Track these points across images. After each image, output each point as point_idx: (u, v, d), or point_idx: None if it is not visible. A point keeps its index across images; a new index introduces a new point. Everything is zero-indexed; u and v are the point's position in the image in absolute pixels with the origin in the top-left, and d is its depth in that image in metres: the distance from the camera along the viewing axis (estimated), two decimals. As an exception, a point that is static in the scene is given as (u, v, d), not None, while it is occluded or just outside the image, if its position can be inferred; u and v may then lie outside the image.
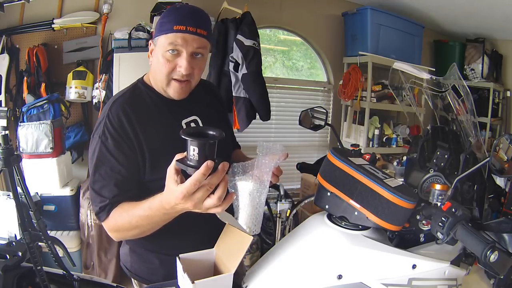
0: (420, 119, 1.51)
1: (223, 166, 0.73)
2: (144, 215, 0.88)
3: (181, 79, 1.02)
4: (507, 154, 1.08)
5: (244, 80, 2.56)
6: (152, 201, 0.84)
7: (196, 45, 1.00)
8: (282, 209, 2.54)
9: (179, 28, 0.97)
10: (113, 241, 2.36)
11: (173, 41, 0.98)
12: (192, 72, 1.02)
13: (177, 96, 1.06)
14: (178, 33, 0.98)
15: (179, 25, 0.97)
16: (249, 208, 0.95)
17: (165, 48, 0.99)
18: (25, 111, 2.35)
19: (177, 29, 0.97)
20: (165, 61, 1.00)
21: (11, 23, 2.53)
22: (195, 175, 0.70)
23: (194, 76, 1.04)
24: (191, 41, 0.99)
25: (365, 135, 3.40)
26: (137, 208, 0.89)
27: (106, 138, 0.98)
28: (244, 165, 0.97)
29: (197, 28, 0.99)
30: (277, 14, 3.28)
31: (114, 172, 0.97)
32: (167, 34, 0.99)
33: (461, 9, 3.34)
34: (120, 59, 2.47)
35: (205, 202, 0.75)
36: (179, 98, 1.07)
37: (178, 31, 0.97)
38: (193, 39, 0.99)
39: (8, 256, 1.09)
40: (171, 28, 0.98)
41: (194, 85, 1.08)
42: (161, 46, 1.00)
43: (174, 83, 1.03)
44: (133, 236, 0.98)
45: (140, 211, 0.88)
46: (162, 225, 0.91)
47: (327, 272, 0.81)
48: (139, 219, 0.89)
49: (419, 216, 0.88)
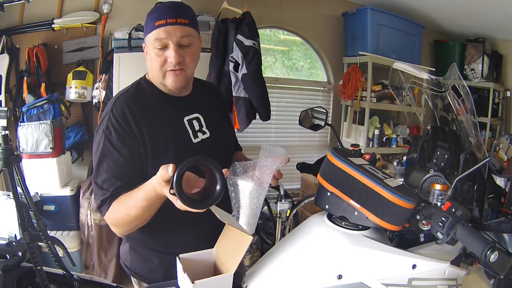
0: (420, 119, 1.51)
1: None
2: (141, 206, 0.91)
3: (174, 68, 1.05)
4: (507, 154, 1.08)
5: (244, 80, 2.56)
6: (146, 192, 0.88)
7: (179, 35, 1.03)
8: (282, 209, 2.54)
9: (160, 23, 1.02)
10: (113, 241, 2.38)
11: (157, 36, 1.02)
12: (183, 60, 1.05)
13: (174, 86, 1.08)
14: (160, 27, 1.02)
15: (159, 20, 1.02)
16: (247, 208, 0.95)
17: (153, 45, 1.04)
18: (25, 111, 2.35)
19: (159, 24, 1.02)
20: (155, 57, 1.04)
21: (11, 23, 2.53)
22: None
23: (187, 64, 1.07)
24: (174, 32, 1.02)
25: (365, 135, 3.40)
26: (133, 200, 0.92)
27: (110, 132, 1.00)
28: (245, 165, 0.98)
29: (176, 18, 1.02)
30: (277, 14, 3.28)
31: (117, 165, 0.99)
32: (151, 32, 1.03)
33: (461, 9, 3.34)
34: (120, 59, 2.46)
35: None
36: (176, 87, 1.09)
37: (159, 26, 1.02)
38: (175, 29, 1.02)
39: (8, 256, 1.09)
40: (153, 25, 1.02)
41: (190, 74, 1.11)
42: (150, 44, 1.05)
43: (168, 73, 1.06)
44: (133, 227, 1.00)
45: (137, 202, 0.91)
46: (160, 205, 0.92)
47: (327, 272, 0.81)
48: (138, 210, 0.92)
49: (419, 216, 0.88)
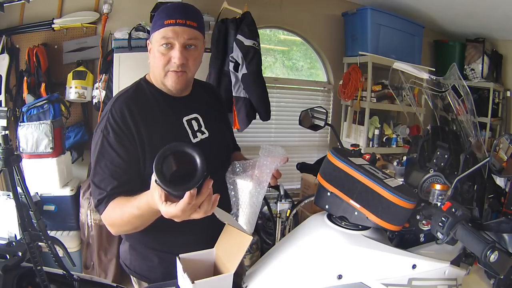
0: (420, 119, 1.51)
1: (208, 185, 0.72)
2: (133, 214, 0.90)
3: (177, 69, 1.05)
4: (507, 154, 1.08)
5: (244, 80, 2.56)
6: (140, 200, 0.86)
7: (187, 36, 1.03)
8: (282, 209, 2.54)
9: (169, 22, 1.02)
10: (113, 241, 2.38)
11: (164, 35, 1.02)
12: (187, 62, 1.05)
13: (174, 87, 1.08)
14: (168, 26, 1.02)
15: (169, 19, 1.02)
16: (246, 206, 0.95)
17: (158, 43, 1.04)
18: (25, 111, 2.35)
19: (168, 23, 1.02)
20: (160, 55, 1.04)
21: (11, 23, 2.53)
22: (180, 205, 0.70)
23: (189, 67, 1.07)
24: (182, 33, 1.02)
25: (365, 135, 3.40)
26: (128, 206, 0.91)
27: (108, 132, 1.01)
28: (244, 164, 0.98)
29: (186, 20, 1.02)
30: (277, 14, 3.28)
31: (114, 165, 1.00)
32: (159, 30, 1.03)
33: (461, 9, 3.34)
34: (120, 59, 2.46)
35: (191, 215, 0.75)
36: (176, 88, 1.09)
37: (168, 25, 1.02)
38: (183, 31, 1.02)
39: (8, 256, 1.09)
40: (162, 24, 1.02)
41: (190, 77, 1.11)
42: (155, 42, 1.05)
43: (170, 74, 1.06)
44: (126, 231, 1.02)
45: (130, 209, 0.91)
46: (154, 219, 0.92)
47: (327, 272, 0.81)
48: (130, 216, 0.92)
49: (419, 216, 0.88)
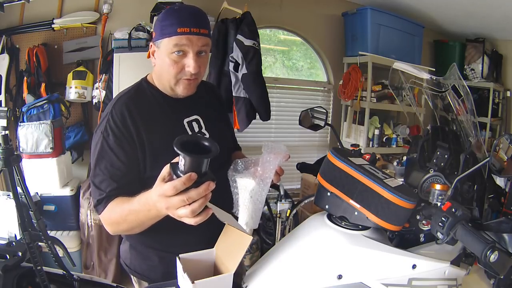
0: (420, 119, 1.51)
1: (207, 185, 0.73)
2: (132, 209, 0.90)
3: (190, 78, 1.06)
4: (507, 154, 1.08)
5: (244, 80, 2.56)
6: (141, 196, 0.87)
7: (200, 44, 1.03)
8: (282, 209, 2.54)
9: (183, 30, 1.00)
10: (113, 241, 2.38)
11: (178, 42, 1.01)
12: (199, 69, 1.06)
13: (186, 93, 1.10)
14: (183, 35, 1.00)
15: (183, 27, 1.00)
16: (249, 204, 0.96)
17: (170, 50, 1.02)
18: (25, 111, 2.35)
19: (182, 31, 1.00)
20: (172, 63, 1.03)
21: (11, 23, 2.53)
22: (175, 181, 0.72)
23: (201, 73, 1.09)
24: (196, 41, 1.02)
25: (365, 135, 3.40)
26: (128, 203, 0.92)
27: (107, 134, 1.01)
28: (246, 161, 0.99)
29: (200, 29, 1.02)
30: (277, 14, 3.28)
31: (114, 167, 1.00)
32: (171, 37, 1.01)
33: (461, 9, 3.34)
34: (120, 59, 2.46)
35: (178, 210, 0.75)
36: (187, 94, 1.11)
37: (182, 33, 1.00)
38: (198, 39, 1.02)
39: (8, 256, 1.09)
40: (175, 31, 1.00)
41: (199, 81, 1.13)
42: (166, 48, 1.03)
43: (183, 81, 1.07)
44: (124, 231, 1.02)
45: (129, 205, 0.91)
46: (149, 224, 0.93)
47: (327, 272, 0.81)
48: (128, 213, 0.92)
49: (419, 216, 0.88)
